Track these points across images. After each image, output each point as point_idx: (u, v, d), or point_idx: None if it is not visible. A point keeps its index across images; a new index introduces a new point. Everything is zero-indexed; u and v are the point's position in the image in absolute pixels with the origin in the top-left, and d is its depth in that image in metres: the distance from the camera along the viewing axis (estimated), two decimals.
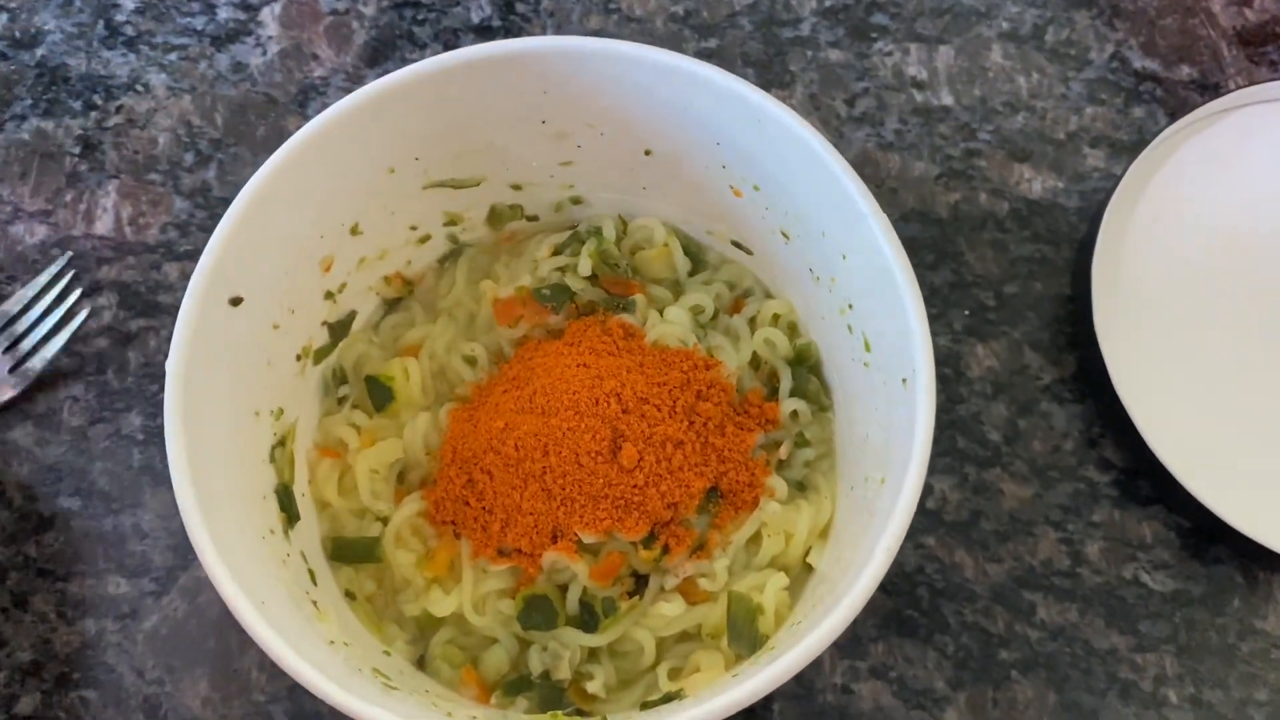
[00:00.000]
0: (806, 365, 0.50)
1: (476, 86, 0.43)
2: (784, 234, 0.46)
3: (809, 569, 0.47)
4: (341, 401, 0.51)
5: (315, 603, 0.43)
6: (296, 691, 0.53)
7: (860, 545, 0.38)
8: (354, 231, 0.47)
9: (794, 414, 0.49)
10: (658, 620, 0.46)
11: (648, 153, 0.47)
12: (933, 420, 0.37)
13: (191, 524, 0.38)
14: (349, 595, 0.48)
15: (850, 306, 0.44)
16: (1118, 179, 0.57)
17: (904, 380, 0.39)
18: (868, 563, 0.36)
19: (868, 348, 0.43)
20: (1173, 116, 0.61)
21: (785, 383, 0.49)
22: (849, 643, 0.53)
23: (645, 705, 0.45)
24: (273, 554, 0.43)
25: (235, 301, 0.41)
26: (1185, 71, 0.63)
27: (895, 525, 0.36)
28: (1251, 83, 0.60)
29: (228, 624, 0.53)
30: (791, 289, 0.49)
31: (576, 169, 0.49)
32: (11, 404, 0.56)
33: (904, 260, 0.39)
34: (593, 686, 0.46)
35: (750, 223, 0.47)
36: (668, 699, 0.44)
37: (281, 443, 0.46)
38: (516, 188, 0.50)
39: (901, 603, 0.53)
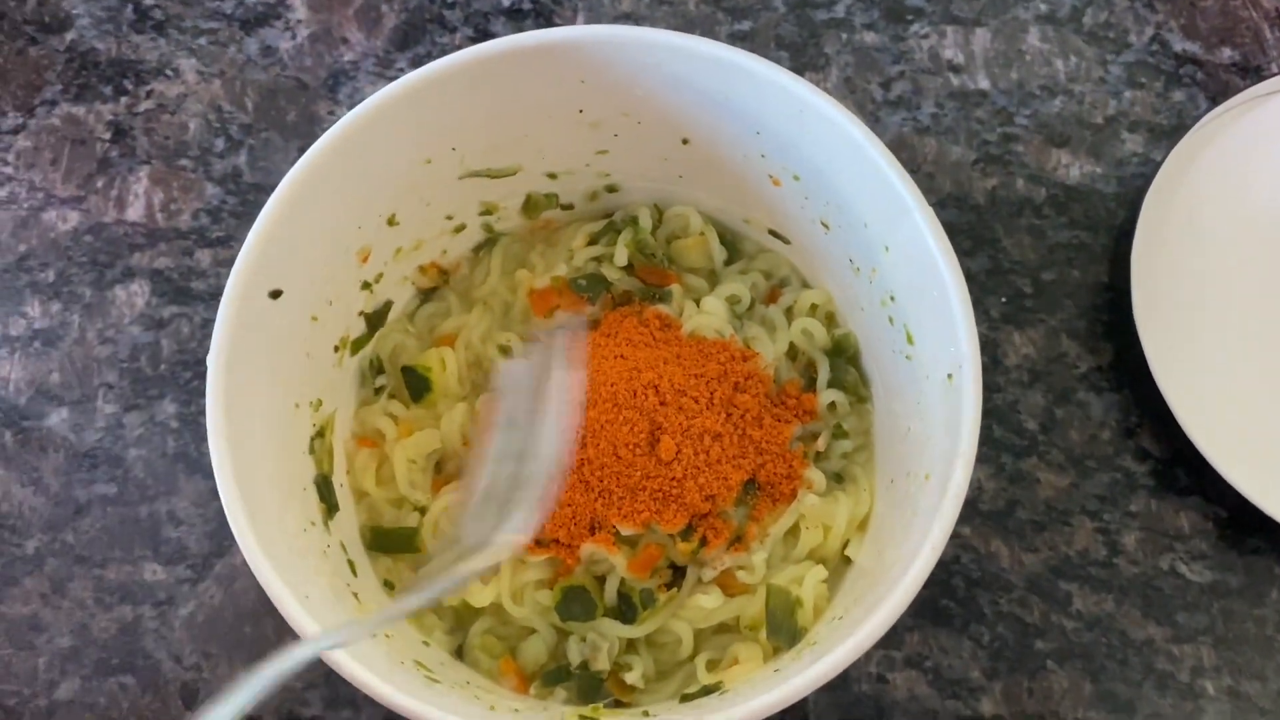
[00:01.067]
0: (845, 356, 0.49)
1: (513, 76, 0.43)
2: (824, 224, 0.45)
3: (847, 561, 0.47)
4: (379, 392, 0.51)
5: (356, 595, 0.44)
6: (332, 677, 0.53)
7: (903, 542, 0.38)
8: (390, 222, 0.46)
9: (832, 405, 0.49)
10: (696, 612, 0.46)
11: (685, 141, 0.47)
12: (979, 418, 0.37)
13: (236, 519, 0.38)
14: (388, 585, 0.48)
15: (892, 298, 0.43)
16: (1157, 165, 0.56)
17: (949, 376, 0.38)
18: (913, 561, 0.36)
19: (910, 340, 0.42)
20: (1214, 100, 0.60)
21: (823, 374, 0.49)
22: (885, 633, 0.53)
23: (685, 697, 0.45)
24: (314, 546, 0.43)
25: (275, 295, 0.41)
26: (1226, 54, 0.62)
27: (941, 524, 0.36)
28: None
29: (263, 610, 0.54)
30: (830, 279, 0.49)
31: (612, 158, 0.49)
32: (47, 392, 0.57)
33: (951, 256, 0.38)
34: (631, 677, 0.46)
35: (789, 212, 0.47)
36: (706, 691, 0.44)
37: (320, 434, 0.46)
38: (552, 176, 0.50)
39: (937, 592, 0.53)
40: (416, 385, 0.50)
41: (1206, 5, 0.63)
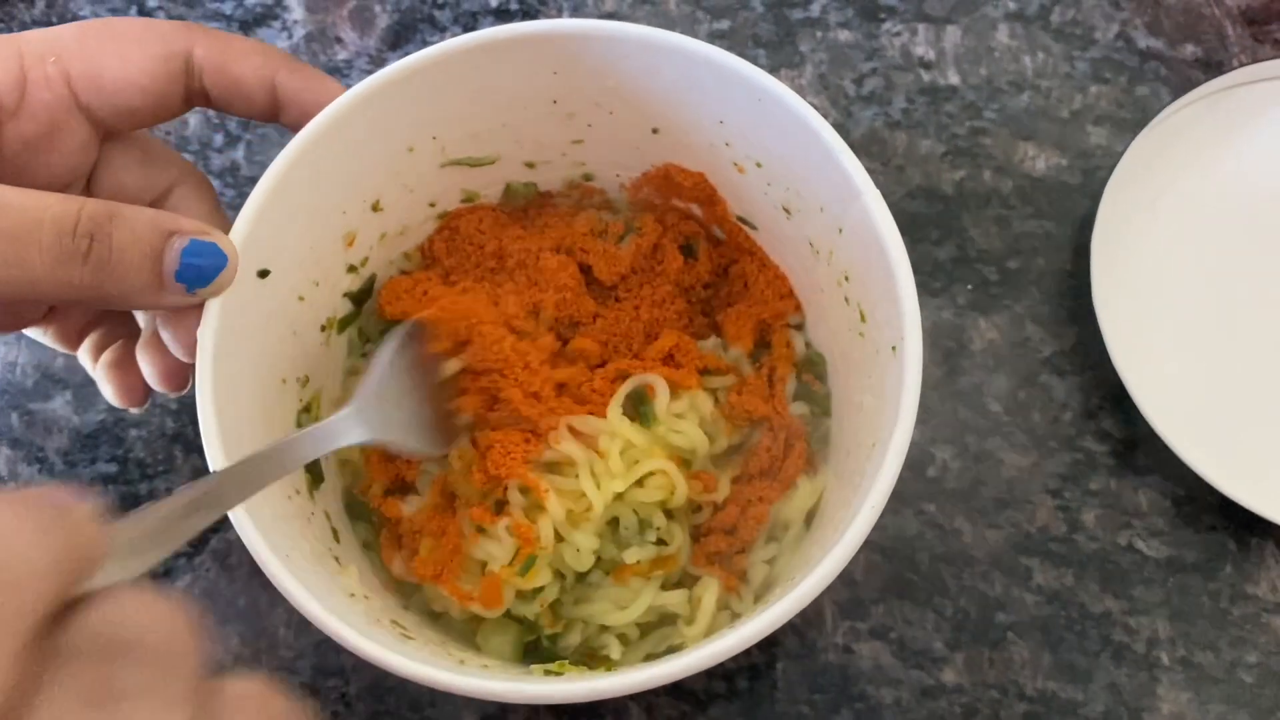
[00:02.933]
0: (814, 372, 0.52)
1: (489, 68, 0.45)
2: (785, 209, 0.47)
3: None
4: (364, 359, 0.53)
5: (337, 558, 0.46)
6: (321, 647, 0.55)
7: (851, 504, 0.40)
8: (375, 208, 0.49)
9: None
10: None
11: (655, 131, 0.49)
12: (919, 382, 0.39)
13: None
14: (367, 548, 0.50)
15: (847, 278, 0.45)
16: (1120, 156, 0.58)
17: (894, 348, 0.40)
18: (854, 519, 0.38)
19: (863, 318, 0.45)
20: (1176, 95, 0.62)
21: (790, 386, 0.51)
22: (850, 604, 0.55)
23: (649, 657, 0.47)
24: (298, 512, 0.45)
25: (263, 274, 0.43)
26: (1190, 50, 0.64)
27: (881, 484, 0.38)
28: (1255, 60, 0.62)
29: (256, 584, 0.56)
30: (793, 262, 0.51)
31: (587, 147, 0.51)
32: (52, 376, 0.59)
33: (895, 234, 0.40)
34: (614, 654, 0.48)
35: (754, 199, 0.49)
36: (670, 650, 0.46)
37: (307, 409, 0.49)
38: (530, 165, 0.52)
39: (902, 566, 0.55)
40: None
41: (1171, 3, 0.65)
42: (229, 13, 0.66)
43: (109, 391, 0.48)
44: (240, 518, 0.38)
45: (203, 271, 0.39)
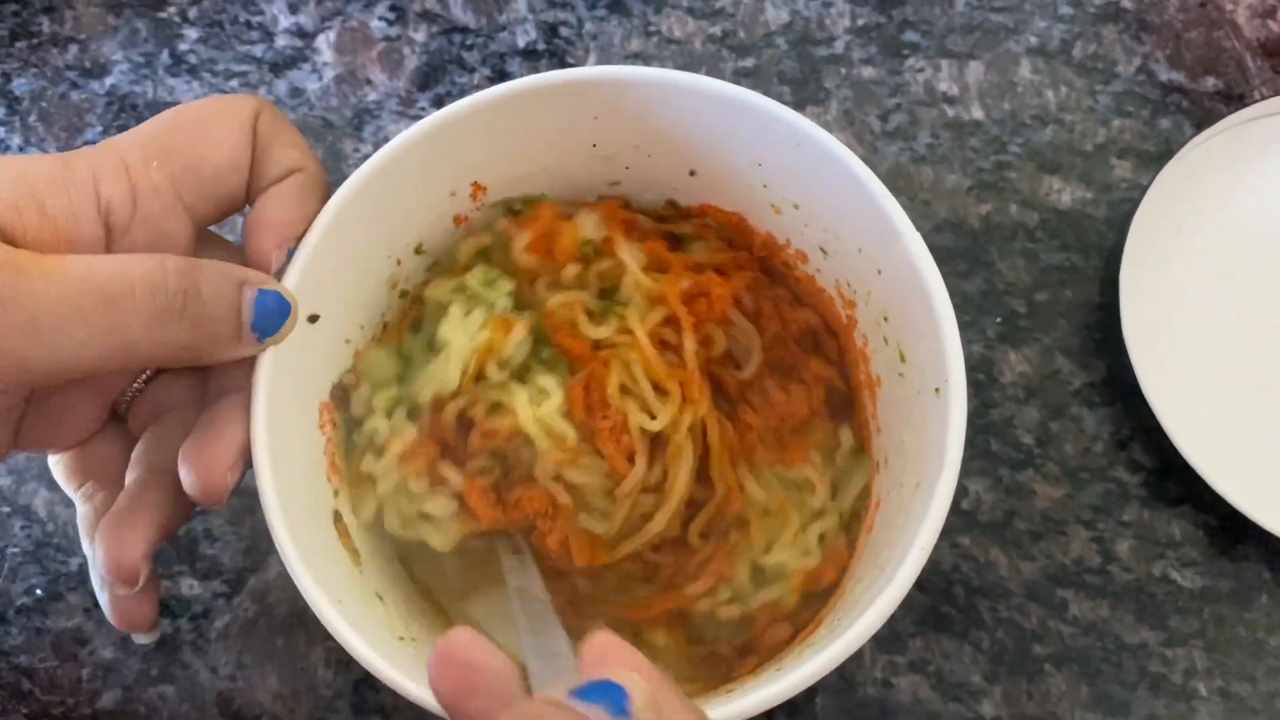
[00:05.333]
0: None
1: (531, 114, 0.46)
2: (822, 249, 0.48)
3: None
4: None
5: (380, 595, 0.46)
6: (361, 686, 0.56)
7: (896, 545, 0.41)
8: (418, 251, 0.49)
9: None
10: None
11: (692, 173, 0.49)
12: (964, 425, 0.39)
13: (278, 535, 0.40)
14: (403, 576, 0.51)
15: (885, 319, 0.46)
16: (1145, 189, 0.59)
17: (937, 390, 0.41)
18: (904, 561, 0.38)
19: (903, 359, 0.45)
20: (1199, 127, 0.63)
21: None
22: (888, 638, 0.55)
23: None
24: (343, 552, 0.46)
25: (313, 319, 0.43)
26: (1211, 83, 0.65)
27: (929, 527, 0.38)
28: (1275, 93, 0.62)
29: (295, 623, 0.56)
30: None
31: (624, 189, 0.51)
32: None
33: (937, 278, 0.41)
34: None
35: (790, 239, 0.50)
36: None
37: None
38: (570, 207, 0.53)
39: (938, 600, 0.56)
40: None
41: (1191, 37, 0.66)
42: (260, 55, 0.67)
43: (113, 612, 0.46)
44: (295, 566, 0.39)
45: (271, 320, 0.39)
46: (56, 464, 0.47)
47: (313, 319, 0.43)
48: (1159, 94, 0.64)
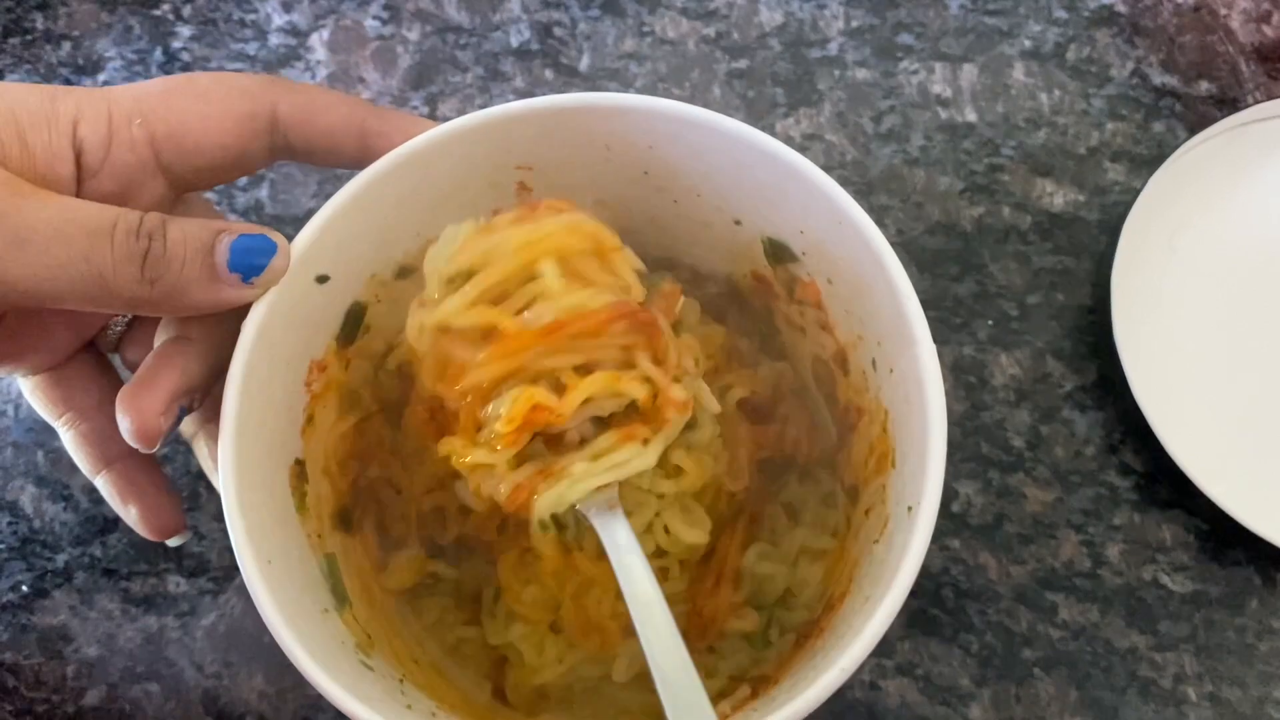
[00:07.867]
0: None
1: (581, 128, 0.45)
2: (859, 335, 0.47)
3: None
4: None
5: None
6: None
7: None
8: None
9: None
10: None
11: (737, 223, 0.48)
12: (925, 547, 0.38)
13: (233, 523, 0.40)
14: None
15: (887, 414, 0.45)
16: (1137, 192, 0.59)
17: (909, 508, 0.40)
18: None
19: (893, 464, 0.44)
20: (1192, 131, 0.63)
21: None
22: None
23: None
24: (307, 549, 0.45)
25: (321, 279, 0.43)
26: (1204, 87, 0.64)
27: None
28: (1269, 97, 0.62)
29: None
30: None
31: (669, 225, 0.50)
32: None
33: (939, 395, 0.39)
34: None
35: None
36: None
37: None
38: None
39: (927, 603, 0.55)
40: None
41: (1185, 41, 0.65)
42: (253, 53, 0.67)
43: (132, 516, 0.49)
44: (243, 554, 0.39)
45: (253, 257, 0.40)
46: (34, 394, 0.48)
47: (322, 279, 0.43)
48: (1152, 98, 0.64)
